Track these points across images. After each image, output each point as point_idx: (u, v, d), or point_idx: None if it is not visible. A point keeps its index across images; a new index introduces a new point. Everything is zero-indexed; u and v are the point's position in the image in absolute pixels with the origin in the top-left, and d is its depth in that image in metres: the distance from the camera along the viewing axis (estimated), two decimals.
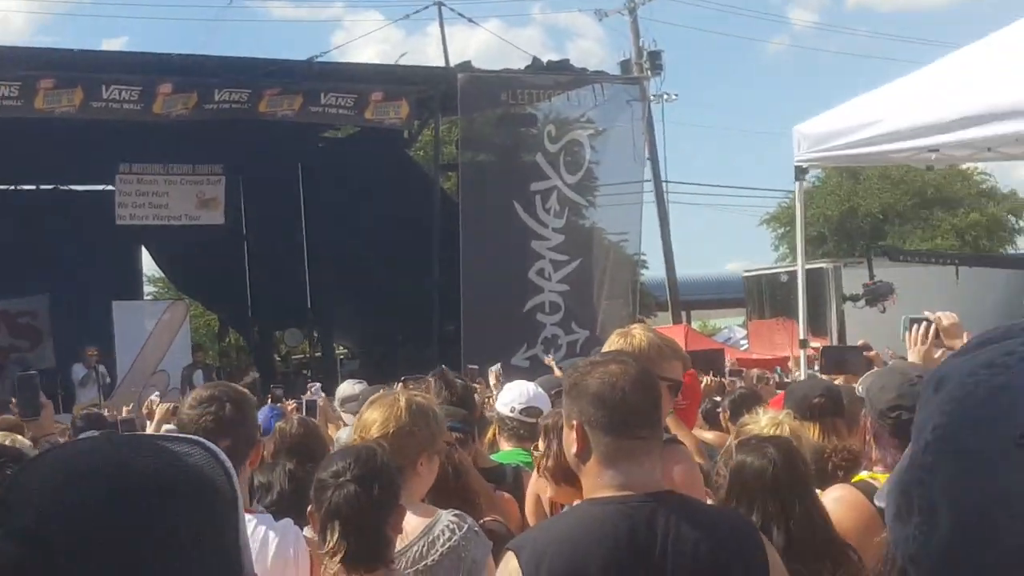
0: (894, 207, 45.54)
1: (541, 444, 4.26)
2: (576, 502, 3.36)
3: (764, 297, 28.55)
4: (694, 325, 38.37)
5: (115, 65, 19.65)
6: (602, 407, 3.10)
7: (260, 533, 3.96)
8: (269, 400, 12.44)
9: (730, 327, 32.70)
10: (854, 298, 18.01)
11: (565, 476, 3.78)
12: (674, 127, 71.91)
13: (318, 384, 10.82)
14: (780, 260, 44.26)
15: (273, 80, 20.32)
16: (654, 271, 35.78)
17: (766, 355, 25.79)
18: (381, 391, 5.15)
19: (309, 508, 3.75)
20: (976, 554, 0.91)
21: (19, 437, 6.44)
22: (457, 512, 4.09)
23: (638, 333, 4.54)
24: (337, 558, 3.45)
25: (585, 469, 3.17)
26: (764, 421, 5.25)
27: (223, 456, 1.33)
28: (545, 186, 22.24)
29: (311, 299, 25.45)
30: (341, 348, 27.07)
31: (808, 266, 12.17)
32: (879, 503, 1.04)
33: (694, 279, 42.15)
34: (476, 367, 16.13)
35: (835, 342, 21.51)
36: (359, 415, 4.44)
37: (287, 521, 4.05)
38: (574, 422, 3.17)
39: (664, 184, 33.18)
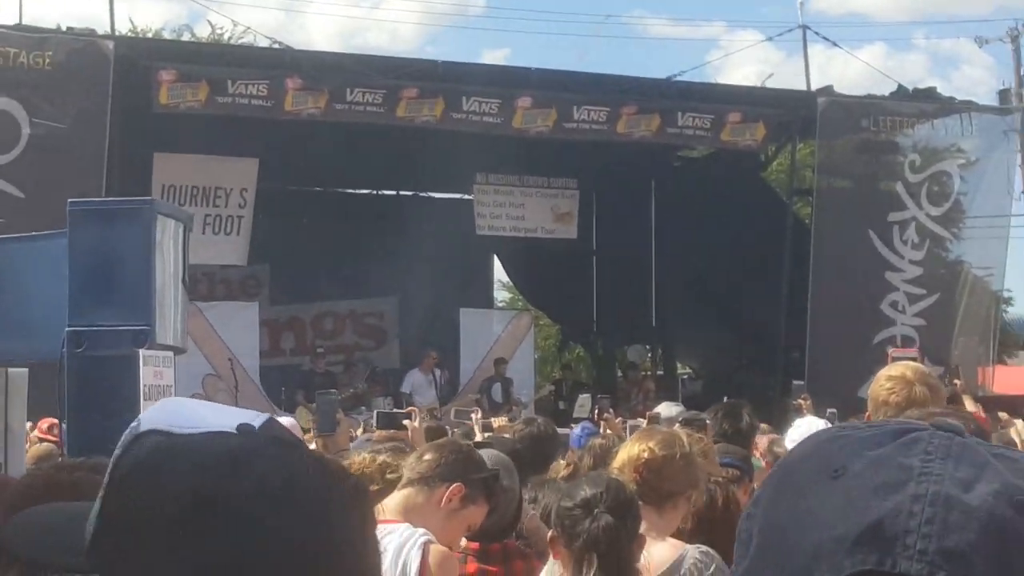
0: None
1: None
2: None
3: None
4: None
5: (475, 77, 20.16)
6: None
7: (392, 542, 3.95)
8: (595, 414, 12.44)
9: None
10: None
11: None
12: None
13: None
14: None
15: (630, 97, 20.41)
16: (1021, 308, 34.43)
17: None
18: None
19: (551, 535, 3.75)
20: (765, 571, 0.96)
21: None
22: (704, 549, 4.06)
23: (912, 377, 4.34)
24: None
25: None
26: None
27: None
28: (903, 216, 21.60)
29: (656, 316, 25.48)
30: (684, 367, 26.97)
31: None
32: None
33: None
34: (802, 383, 15.68)
35: None
36: (632, 442, 4.50)
37: (418, 532, 4.03)
38: None
39: None
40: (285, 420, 8.86)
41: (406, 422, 7.43)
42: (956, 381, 17.70)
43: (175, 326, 7.46)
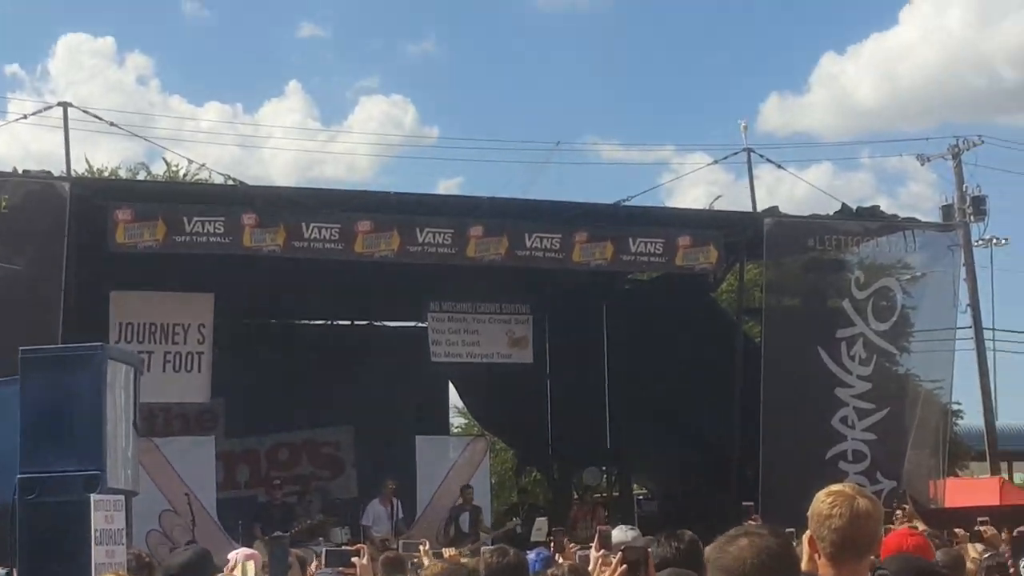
0: None
1: None
2: None
3: None
4: (1018, 477, 36.81)
5: (428, 208, 20.33)
6: None
7: None
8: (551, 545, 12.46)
9: None
10: None
11: None
12: (1005, 273, 69.69)
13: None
14: None
15: (582, 224, 20.58)
16: (971, 419, 34.84)
17: None
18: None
19: None
20: None
21: None
22: None
23: None
24: None
25: None
26: None
27: None
28: (851, 332, 21.90)
29: (611, 439, 25.56)
30: (640, 488, 27.00)
31: None
32: None
33: (1020, 429, 40.36)
34: (751, 503, 15.87)
35: None
36: None
37: None
38: None
39: (992, 332, 32.76)
40: (243, 553, 8.92)
41: (354, 559, 7.46)
42: (904, 506, 17.81)
43: (127, 470, 7.57)
